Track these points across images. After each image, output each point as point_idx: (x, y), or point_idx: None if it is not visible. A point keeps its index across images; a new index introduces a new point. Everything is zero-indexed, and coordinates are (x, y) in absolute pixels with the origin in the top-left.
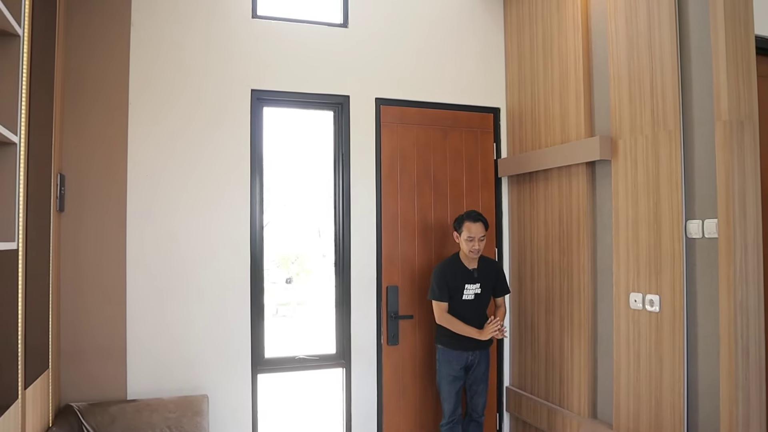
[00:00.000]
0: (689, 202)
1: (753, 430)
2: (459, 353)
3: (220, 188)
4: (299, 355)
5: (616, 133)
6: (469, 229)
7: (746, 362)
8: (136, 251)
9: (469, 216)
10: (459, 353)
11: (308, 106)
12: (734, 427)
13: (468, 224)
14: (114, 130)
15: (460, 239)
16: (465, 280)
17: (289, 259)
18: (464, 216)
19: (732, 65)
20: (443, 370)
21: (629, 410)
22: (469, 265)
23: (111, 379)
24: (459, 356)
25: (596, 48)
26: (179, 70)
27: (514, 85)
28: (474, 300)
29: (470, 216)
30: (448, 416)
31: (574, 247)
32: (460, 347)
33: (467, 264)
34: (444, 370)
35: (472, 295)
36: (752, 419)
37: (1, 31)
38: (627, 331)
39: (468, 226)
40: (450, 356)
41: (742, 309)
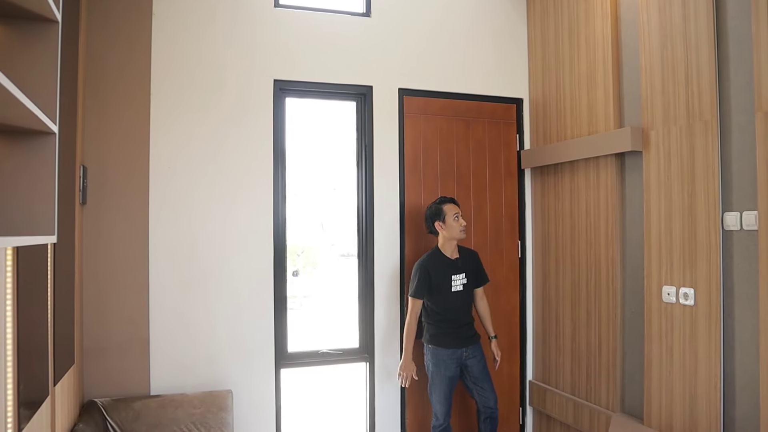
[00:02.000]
0: (726, 193)
1: None
2: (452, 351)
3: (242, 180)
4: (322, 349)
5: (648, 124)
6: (449, 209)
7: None
8: (159, 245)
9: (443, 200)
10: (452, 351)
11: (331, 97)
12: None
13: (447, 206)
14: (136, 121)
15: (444, 226)
16: (450, 272)
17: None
18: (437, 203)
19: None
20: (436, 370)
21: (661, 405)
22: (452, 255)
23: (134, 374)
24: (452, 354)
25: (626, 38)
26: (201, 60)
27: (538, 75)
28: (463, 291)
29: (444, 199)
30: (442, 418)
31: (602, 239)
32: (454, 344)
33: (449, 254)
34: (437, 370)
35: (461, 285)
36: None
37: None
38: (659, 324)
39: (447, 207)
40: (443, 355)
41: None
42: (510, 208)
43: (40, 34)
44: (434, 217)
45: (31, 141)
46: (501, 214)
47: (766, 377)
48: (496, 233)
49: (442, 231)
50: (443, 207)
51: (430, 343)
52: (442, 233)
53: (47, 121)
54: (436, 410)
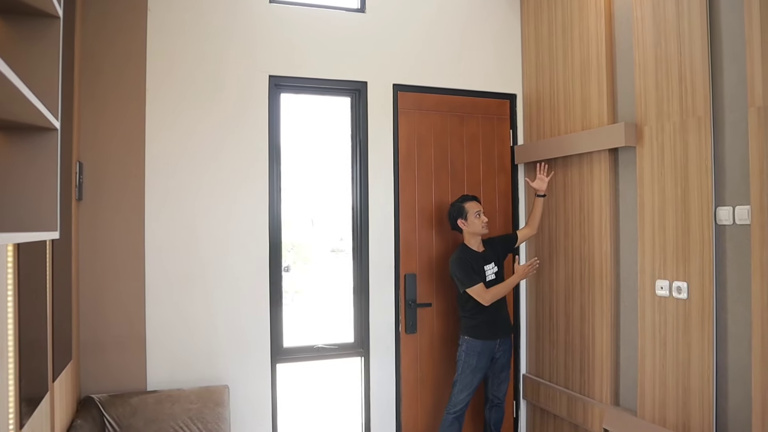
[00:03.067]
0: (719, 188)
1: None
2: (487, 343)
3: (238, 176)
4: (318, 344)
5: (641, 119)
6: (471, 206)
7: None
8: (155, 240)
9: (464, 198)
10: (487, 343)
11: (326, 92)
12: (767, 412)
13: (468, 204)
14: (131, 117)
15: (466, 223)
16: (482, 263)
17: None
18: (459, 201)
19: (766, 51)
20: (470, 360)
21: (655, 397)
22: (479, 249)
23: (130, 370)
24: (487, 346)
25: (619, 35)
26: (197, 56)
27: (531, 71)
28: (496, 280)
29: (465, 198)
30: (461, 405)
31: (595, 234)
32: (490, 336)
33: (476, 248)
34: (470, 360)
35: (493, 274)
36: None
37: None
38: (652, 318)
39: (469, 205)
40: (479, 347)
41: None
42: (504, 203)
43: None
44: (457, 215)
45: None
46: (495, 209)
47: (758, 369)
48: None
49: (465, 228)
50: (465, 205)
51: (466, 334)
52: (466, 230)
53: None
54: (456, 399)
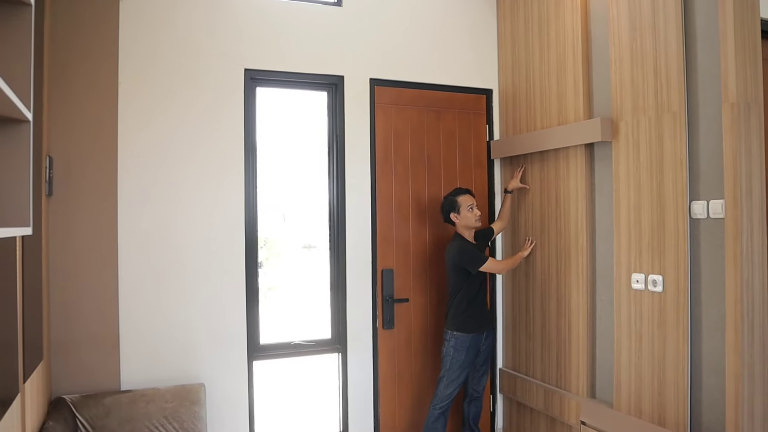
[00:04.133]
0: (693, 183)
1: (757, 405)
2: (475, 336)
3: (213, 170)
4: (294, 340)
5: (617, 115)
6: (464, 200)
7: (751, 339)
8: (128, 236)
9: (458, 191)
10: (475, 336)
11: (302, 87)
12: (740, 403)
13: (462, 197)
14: (103, 110)
15: (459, 217)
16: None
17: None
18: (452, 194)
19: (740, 48)
20: (458, 356)
21: (630, 389)
22: (472, 241)
23: (103, 369)
24: (475, 339)
25: (595, 31)
26: (170, 48)
27: (508, 66)
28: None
29: (458, 191)
30: (447, 400)
31: (572, 228)
32: (477, 329)
33: (470, 238)
34: (459, 356)
35: None
36: (756, 395)
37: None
38: (628, 311)
39: (462, 198)
40: (467, 342)
41: (748, 287)
42: (480, 198)
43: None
44: (450, 208)
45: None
46: None
47: (731, 360)
48: None
49: (458, 222)
50: (457, 198)
51: (454, 329)
52: (459, 224)
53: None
54: (443, 394)
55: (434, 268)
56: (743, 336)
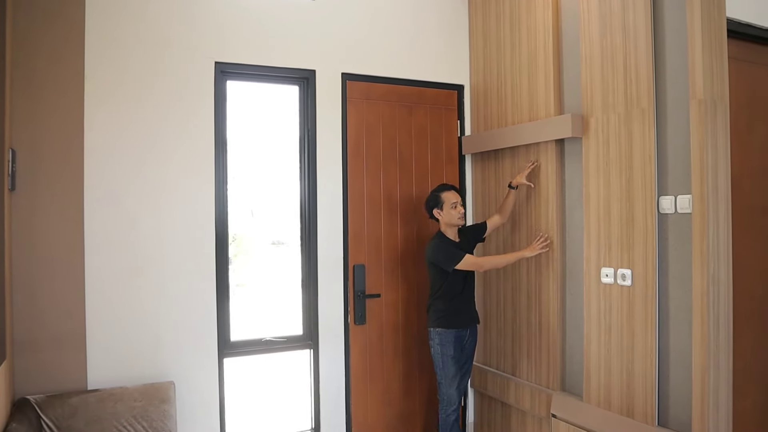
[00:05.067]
0: (661, 178)
1: (722, 395)
2: (456, 332)
3: (183, 165)
4: (265, 337)
5: (587, 111)
6: (448, 197)
7: (717, 331)
8: (95, 232)
9: (442, 188)
10: (456, 332)
11: (273, 80)
12: (706, 393)
13: (446, 194)
14: (69, 102)
15: (442, 213)
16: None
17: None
18: (437, 190)
19: (707, 46)
20: (447, 351)
21: (600, 382)
22: (455, 239)
23: (70, 368)
24: (457, 335)
25: (566, 27)
26: (139, 41)
27: (479, 62)
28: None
29: (443, 187)
30: (456, 402)
31: (543, 224)
32: (461, 324)
33: (452, 237)
34: (447, 351)
35: None
36: (721, 385)
37: None
38: (598, 305)
39: (446, 195)
40: (452, 337)
41: (713, 281)
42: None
43: None
44: (433, 204)
45: None
46: None
47: (698, 352)
48: None
49: (440, 218)
50: (441, 195)
51: (438, 326)
52: (442, 220)
53: None
54: (449, 395)
55: (406, 264)
56: (709, 328)
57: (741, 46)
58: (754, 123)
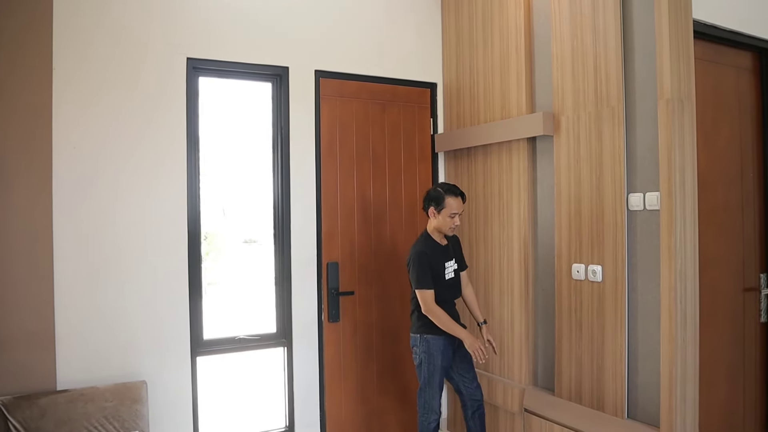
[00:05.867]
0: (631, 176)
1: (689, 387)
2: (446, 338)
3: (154, 162)
4: (239, 335)
5: (559, 109)
6: (451, 205)
7: (684, 325)
8: (64, 229)
9: (450, 190)
10: (446, 338)
11: (246, 77)
12: (673, 386)
13: (452, 200)
14: (36, 96)
15: (437, 216)
16: (443, 258)
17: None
18: (445, 190)
19: (674, 47)
20: (434, 361)
21: (571, 376)
22: (442, 242)
23: (38, 369)
24: (446, 342)
25: (538, 27)
26: (108, 35)
27: (452, 61)
28: (454, 278)
29: (451, 190)
30: (438, 410)
31: (515, 221)
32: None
33: (439, 240)
34: (432, 361)
35: (452, 272)
36: (688, 378)
37: None
38: (569, 301)
39: (451, 201)
40: (438, 344)
41: (681, 276)
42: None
43: None
44: (433, 202)
45: None
46: (416, 197)
47: (665, 345)
48: (411, 216)
49: (433, 218)
50: (447, 199)
51: (424, 333)
52: (432, 220)
53: None
54: (432, 404)
55: (379, 260)
56: (677, 322)
57: (706, 47)
58: (719, 122)
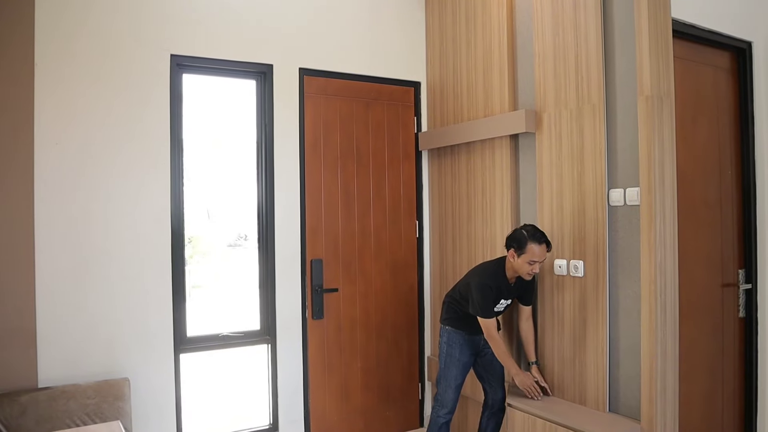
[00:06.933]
0: (611, 172)
1: (669, 380)
2: (470, 337)
3: (137, 159)
4: (223, 332)
5: (541, 107)
6: (534, 252)
7: (664, 319)
8: (46, 226)
9: (535, 237)
10: (470, 337)
11: (230, 74)
12: (654, 378)
13: (532, 246)
14: (18, 92)
15: (516, 259)
16: (502, 295)
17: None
18: (528, 236)
19: (654, 45)
20: (452, 352)
21: (554, 371)
22: (511, 280)
23: (19, 366)
24: (469, 339)
25: (520, 26)
26: (91, 31)
27: (435, 59)
28: (502, 310)
29: (536, 237)
30: (450, 405)
31: (497, 217)
32: (474, 331)
33: (510, 278)
34: (453, 352)
35: (503, 307)
36: (668, 370)
37: None
38: (551, 296)
39: (532, 248)
40: (460, 338)
41: (660, 270)
42: (408, 189)
43: None
44: (515, 244)
45: None
46: (399, 195)
47: (646, 339)
48: (395, 214)
49: (511, 261)
50: (529, 245)
51: (448, 324)
52: (510, 261)
53: None
54: (444, 397)
55: (363, 258)
56: (657, 316)
57: (686, 46)
58: (698, 120)
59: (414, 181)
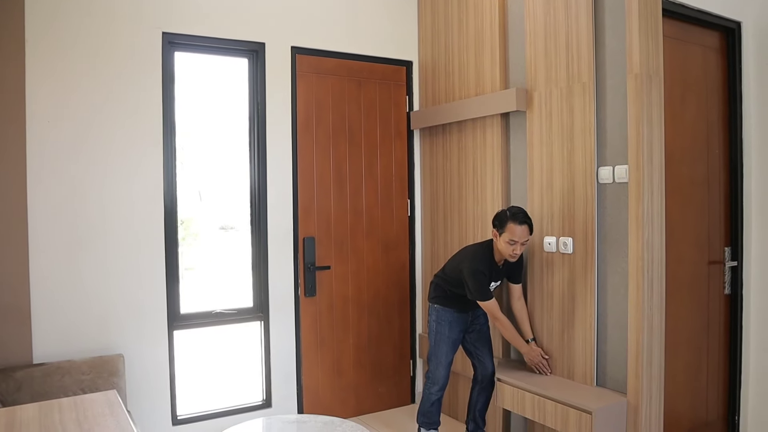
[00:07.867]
0: (600, 149)
1: (655, 354)
2: (459, 314)
3: (129, 137)
4: (216, 309)
5: (531, 85)
6: (513, 231)
7: (650, 294)
8: (39, 204)
9: (515, 217)
10: (459, 314)
11: (222, 53)
12: (640, 352)
13: (512, 226)
14: (8, 69)
15: (498, 239)
16: (492, 278)
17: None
18: (508, 215)
19: (643, 24)
20: (441, 330)
21: (542, 346)
22: (499, 262)
23: (13, 342)
24: (459, 317)
25: (512, 5)
26: (80, 7)
27: (427, 39)
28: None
29: (516, 216)
30: (441, 383)
31: (488, 195)
32: (462, 308)
33: (498, 261)
34: (442, 330)
35: (492, 289)
36: (654, 345)
37: None
38: (541, 272)
39: (512, 228)
40: (449, 316)
41: (648, 246)
42: (400, 168)
43: None
44: (497, 224)
45: None
46: (391, 174)
47: (633, 314)
48: (387, 192)
49: (495, 241)
50: (509, 225)
51: (437, 303)
52: (495, 242)
53: None
54: (435, 374)
55: (355, 236)
56: (644, 291)
57: (675, 25)
58: (687, 99)
59: (406, 160)
